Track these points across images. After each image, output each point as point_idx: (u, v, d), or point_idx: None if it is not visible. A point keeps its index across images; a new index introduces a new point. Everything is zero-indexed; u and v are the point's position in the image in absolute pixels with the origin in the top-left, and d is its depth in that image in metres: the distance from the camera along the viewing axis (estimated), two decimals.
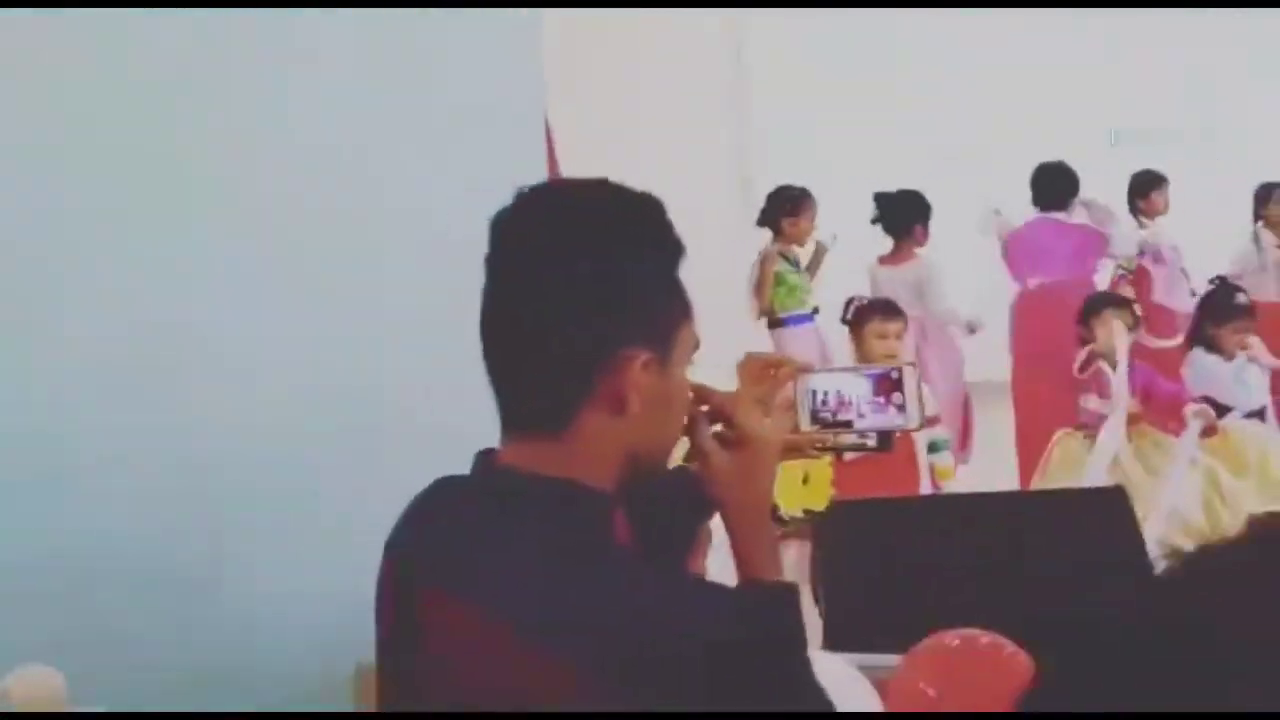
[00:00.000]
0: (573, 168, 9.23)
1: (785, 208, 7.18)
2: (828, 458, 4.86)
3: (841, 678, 3.04)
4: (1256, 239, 7.43)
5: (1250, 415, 5.83)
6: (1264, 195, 7.60)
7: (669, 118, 10.23)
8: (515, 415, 1.34)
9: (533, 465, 1.31)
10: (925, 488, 5.47)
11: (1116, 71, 10.56)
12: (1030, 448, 6.34)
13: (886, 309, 5.69)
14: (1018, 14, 10.48)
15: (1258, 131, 9.92)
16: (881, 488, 5.34)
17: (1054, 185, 7.04)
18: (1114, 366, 5.63)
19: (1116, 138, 10.86)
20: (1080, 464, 5.58)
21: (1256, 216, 7.58)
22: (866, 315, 5.66)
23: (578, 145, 9.64)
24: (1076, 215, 7.08)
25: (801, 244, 7.25)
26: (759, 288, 7.08)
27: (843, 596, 3.77)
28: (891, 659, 2.95)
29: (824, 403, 1.72)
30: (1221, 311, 5.97)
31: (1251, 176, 7.92)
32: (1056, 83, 10.54)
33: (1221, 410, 5.77)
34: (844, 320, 5.86)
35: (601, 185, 1.38)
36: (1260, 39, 10.29)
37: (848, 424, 1.73)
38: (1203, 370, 5.94)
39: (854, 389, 1.72)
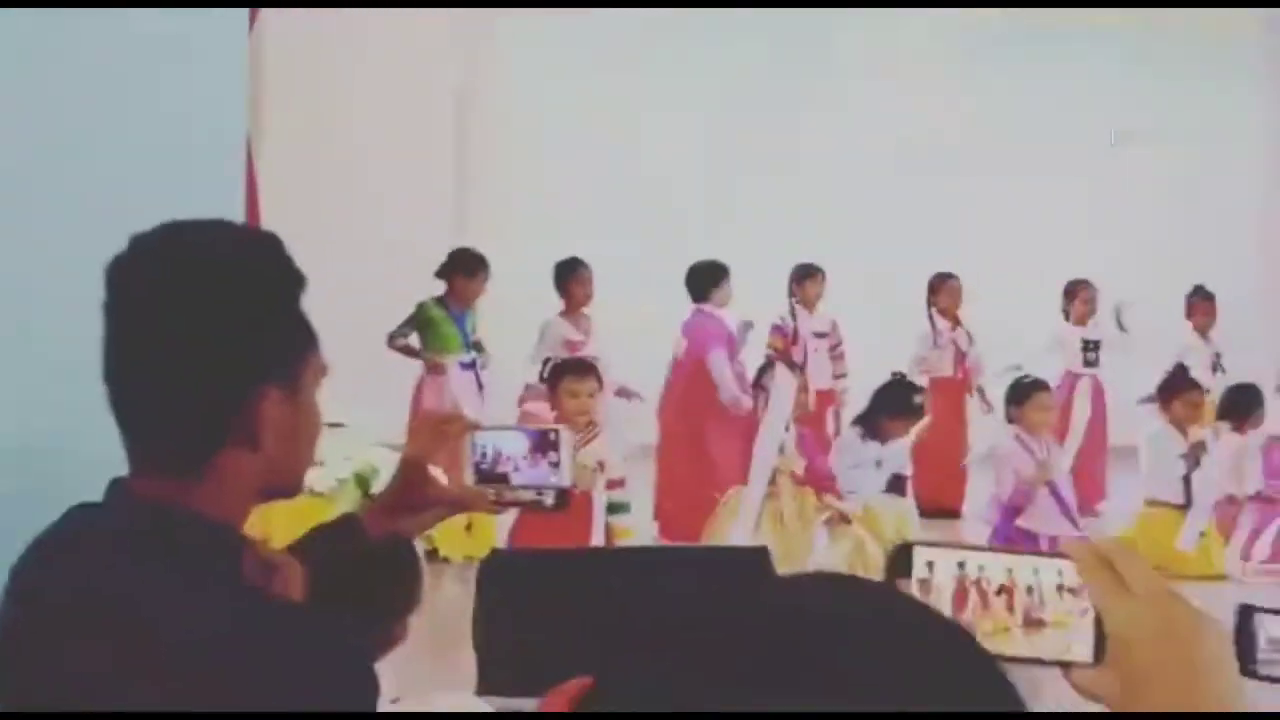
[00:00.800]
0: (284, 201, 9.08)
1: (459, 268, 7.67)
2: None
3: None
4: (932, 322, 8.30)
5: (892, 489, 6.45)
6: (936, 284, 8.48)
7: (386, 150, 10.18)
8: (148, 458, 1.34)
9: (166, 498, 1.31)
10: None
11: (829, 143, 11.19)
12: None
13: (579, 368, 5.96)
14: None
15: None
16: (556, 541, 5.49)
17: (700, 280, 7.59)
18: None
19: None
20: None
21: (929, 304, 8.43)
22: (559, 374, 5.91)
23: (289, 178, 9.49)
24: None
25: (469, 304, 7.60)
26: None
27: (498, 642, 3.85)
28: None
29: (484, 457, 1.84)
30: (895, 407, 6.56)
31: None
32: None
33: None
34: (541, 379, 6.11)
35: (216, 226, 1.39)
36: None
37: (505, 478, 1.85)
38: (847, 449, 6.50)
39: (514, 446, 1.84)
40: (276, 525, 5.01)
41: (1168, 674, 0.88)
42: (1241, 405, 7.26)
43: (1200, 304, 8.77)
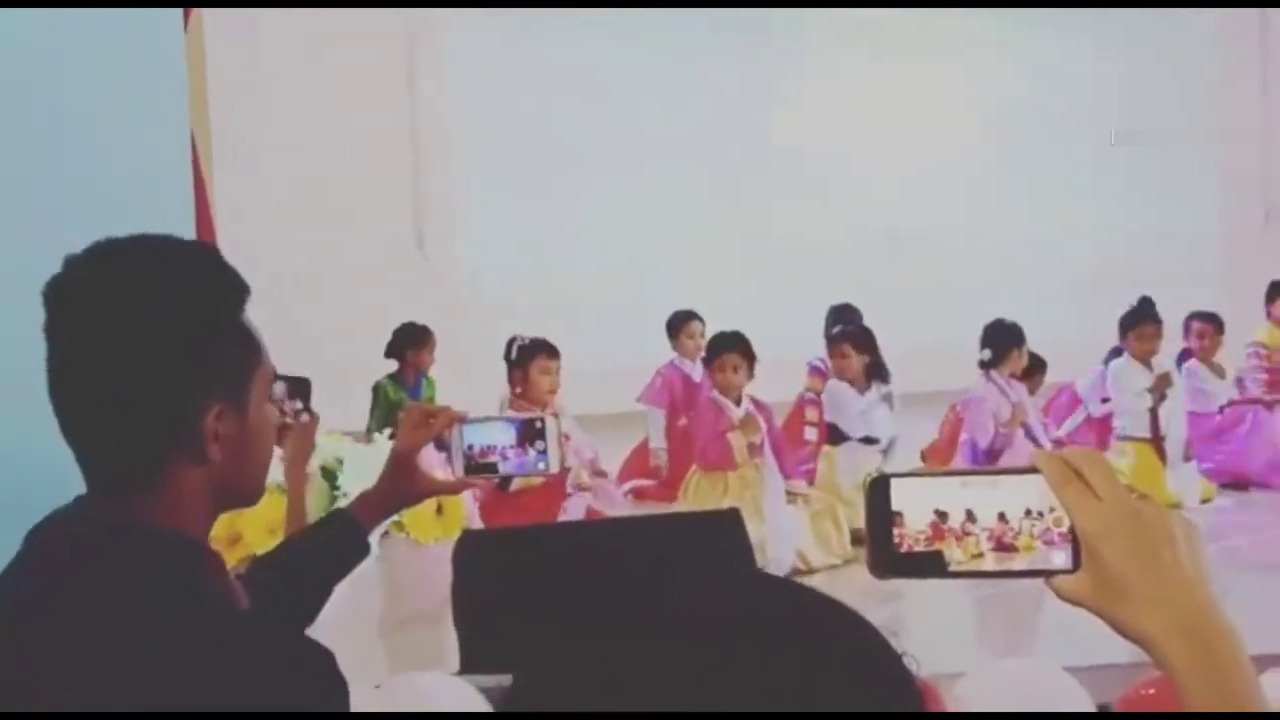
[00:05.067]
0: (237, 199, 9.06)
1: (405, 342, 7.76)
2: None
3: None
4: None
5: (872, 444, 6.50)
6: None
7: (346, 172, 10.16)
8: (101, 476, 1.34)
9: (124, 514, 1.31)
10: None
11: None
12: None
13: (549, 348, 6.07)
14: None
15: None
16: (527, 518, 5.54)
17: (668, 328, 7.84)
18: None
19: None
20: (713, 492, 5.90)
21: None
22: (531, 353, 6.00)
23: (243, 175, 9.46)
24: None
25: (422, 374, 7.74)
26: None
27: (477, 620, 3.87)
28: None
29: (471, 447, 1.88)
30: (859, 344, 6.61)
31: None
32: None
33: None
34: (506, 358, 6.11)
35: (151, 242, 1.37)
36: None
37: (493, 467, 1.90)
38: (835, 398, 6.54)
39: (501, 436, 1.89)
40: (250, 525, 5.00)
41: (1138, 573, 0.91)
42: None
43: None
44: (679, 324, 7.73)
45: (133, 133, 3.29)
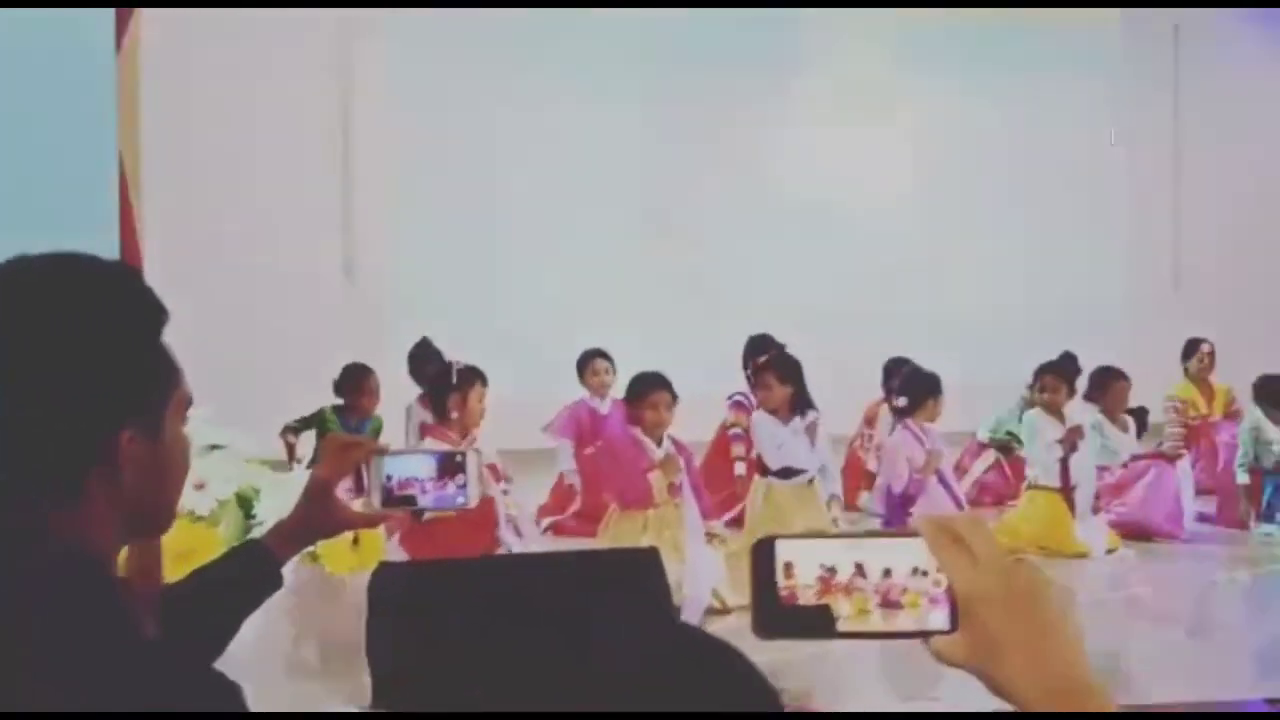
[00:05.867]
0: (164, 221, 8.93)
1: (349, 383, 7.76)
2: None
3: None
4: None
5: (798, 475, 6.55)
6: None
7: (276, 199, 10.06)
8: (20, 487, 1.31)
9: (41, 527, 1.29)
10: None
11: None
12: None
13: (483, 376, 6.25)
14: None
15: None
16: (449, 549, 5.51)
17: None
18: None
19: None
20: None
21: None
22: (471, 379, 6.18)
23: (170, 195, 9.33)
24: None
25: (366, 417, 7.69)
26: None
27: (391, 654, 3.85)
28: None
29: (390, 479, 1.86)
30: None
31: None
32: None
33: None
34: (439, 382, 6.17)
35: (71, 260, 1.35)
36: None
37: (412, 500, 1.89)
38: (761, 428, 6.55)
39: (421, 469, 1.88)
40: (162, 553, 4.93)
41: (1014, 636, 0.93)
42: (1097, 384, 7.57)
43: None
44: (587, 361, 7.94)
45: (59, 150, 3.26)
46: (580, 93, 10.75)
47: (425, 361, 7.49)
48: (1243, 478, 7.74)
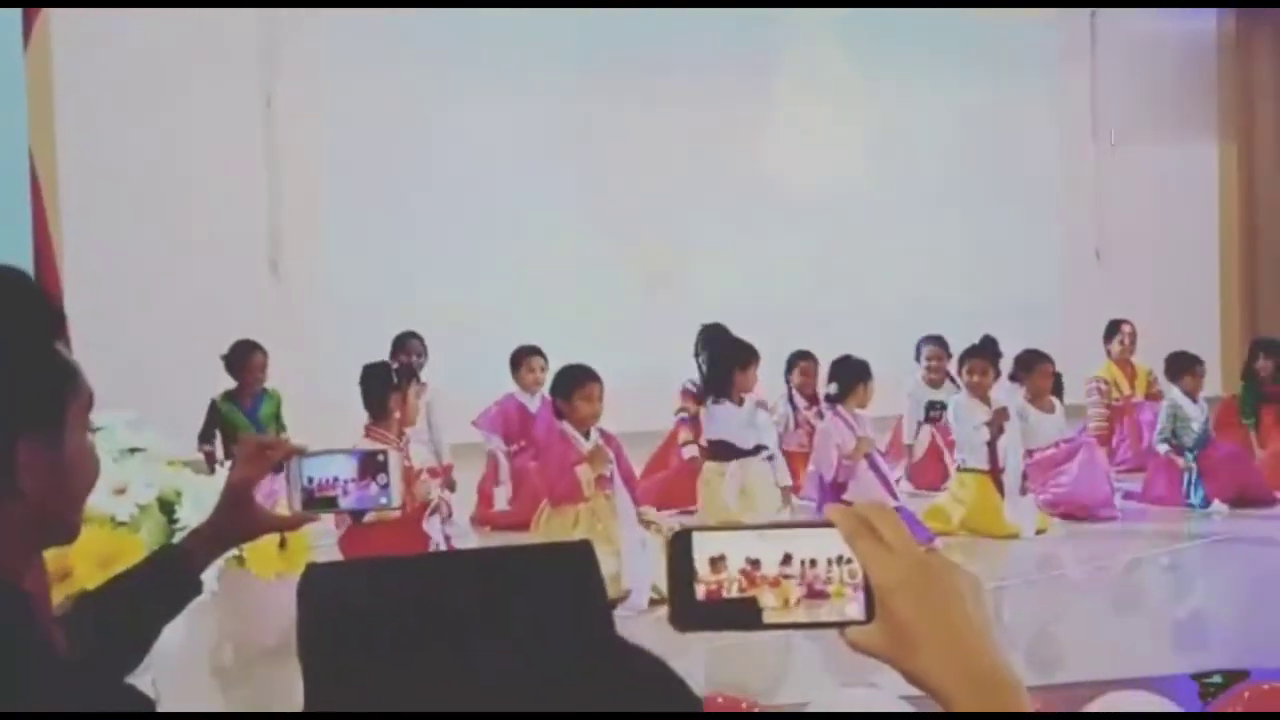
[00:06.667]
0: (82, 214, 8.76)
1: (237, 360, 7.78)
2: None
3: None
4: (792, 403, 8.45)
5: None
6: (793, 363, 8.56)
7: (198, 194, 9.86)
8: None
9: None
10: None
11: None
12: None
13: (417, 375, 6.43)
14: None
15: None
16: (390, 550, 5.45)
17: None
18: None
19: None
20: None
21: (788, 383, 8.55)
22: (403, 379, 6.21)
23: (87, 191, 9.14)
24: None
25: (257, 390, 7.76)
26: None
27: (323, 656, 3.79)
28: None
29: (310, 481, 1.81)
30: (735, 360, 6.80)
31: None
32: None
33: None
34: (389, 384, 6.17)
35: None
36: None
37: (333, 501, 1.83)
38: (716, 415, 6.67)
39: (342, 470, 1.82)
40: (81, 559, 4.81)
41: (927, 626, 0.93)
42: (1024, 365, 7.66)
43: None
44: (521, 358, 7.87)
45: None
46: (516, 81, 10.64)
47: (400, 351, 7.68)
48: (1160, 449, 7.87)
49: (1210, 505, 7.54)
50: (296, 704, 3.57)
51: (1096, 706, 3.03)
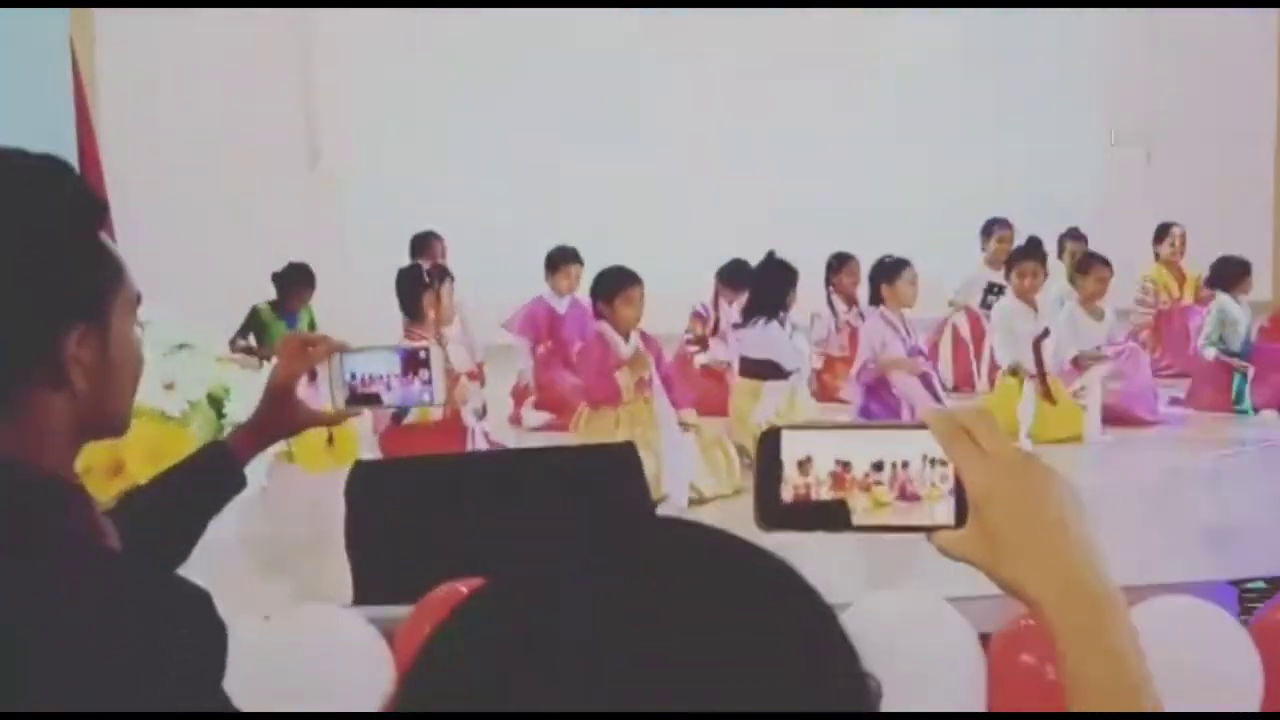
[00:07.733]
0: (129, 136, 8.77)
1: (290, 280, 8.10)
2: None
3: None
4: (832, 306, 8.44)
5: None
6: (835, 265, 8.58)
7: (238, 90, 9.85)
8: None
9: None
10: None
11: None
12: None
13: (450, 275, 6.44)
14: None
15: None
16: (429, 448, 5.51)
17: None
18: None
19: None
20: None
21: (828, 285, 8.58)
22: (440, 277, 6.31)
23: (135, 115, 9.14)
24: None
25: (301, 306, 8.15)
26: None
27: (371, 551, 3.85)
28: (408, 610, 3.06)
29: (354, 377, 1.82)
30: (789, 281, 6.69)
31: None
32: None
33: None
34: (421, 284, 6.25)
35: None
36: None
37: (376, 398, 1.85)
38: (768, 335, 6.59)
39: (384, 366, 1.83)
40: (132, 452, 4.88)
41: (1021, 533, 0.91)
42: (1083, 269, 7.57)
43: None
44: (560, 262, 7.79)
45: (10, 44, 3.17)
46: None
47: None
48: (1209, 353, 7.77)
49: (1258, 413, 7.49)
50: (346, 597, 3.58)
51: (1139, 612, 3.04)
